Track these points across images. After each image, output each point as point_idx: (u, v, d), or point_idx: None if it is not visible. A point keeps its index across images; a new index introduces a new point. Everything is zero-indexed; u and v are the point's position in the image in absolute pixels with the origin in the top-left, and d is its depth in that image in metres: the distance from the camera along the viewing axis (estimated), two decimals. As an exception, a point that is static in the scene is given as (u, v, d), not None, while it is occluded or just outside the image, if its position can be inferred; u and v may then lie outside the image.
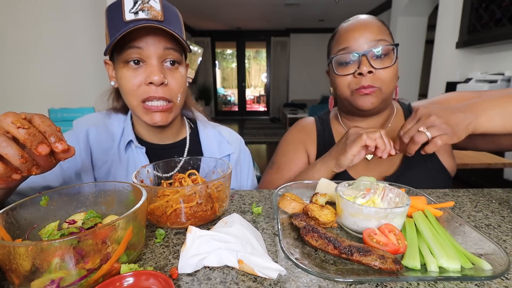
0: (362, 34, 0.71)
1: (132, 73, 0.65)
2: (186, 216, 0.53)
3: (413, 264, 0.40)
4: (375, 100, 0.73)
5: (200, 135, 0.85)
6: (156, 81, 0.64)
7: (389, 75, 0.71)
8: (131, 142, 0.76)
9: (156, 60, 0.65)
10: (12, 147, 0.40)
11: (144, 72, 0.65)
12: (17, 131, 0.40)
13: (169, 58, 0.67)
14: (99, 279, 0.37)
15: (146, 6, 0.62)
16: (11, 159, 0.40)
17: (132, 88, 0.66)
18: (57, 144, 0.42)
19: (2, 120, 0.40)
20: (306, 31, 7.92)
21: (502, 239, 0.49)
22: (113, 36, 0.62)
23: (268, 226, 0.55)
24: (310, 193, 0.65)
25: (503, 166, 1.68)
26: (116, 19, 0.63)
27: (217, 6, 5.83)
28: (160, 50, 0.65)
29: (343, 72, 0.74)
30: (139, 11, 0.62)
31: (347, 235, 0.51)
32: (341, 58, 0.74)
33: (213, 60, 8.80)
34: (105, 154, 0.73)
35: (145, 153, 0.76)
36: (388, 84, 0.72)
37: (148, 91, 0.66)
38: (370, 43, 0.70)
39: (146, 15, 0.62)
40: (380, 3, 5.38)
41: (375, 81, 0.71)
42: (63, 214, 0.50)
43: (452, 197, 0.68)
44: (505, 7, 2.51)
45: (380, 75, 0.71)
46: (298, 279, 0.39)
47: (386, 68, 0.70)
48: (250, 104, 10.45)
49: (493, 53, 2.89)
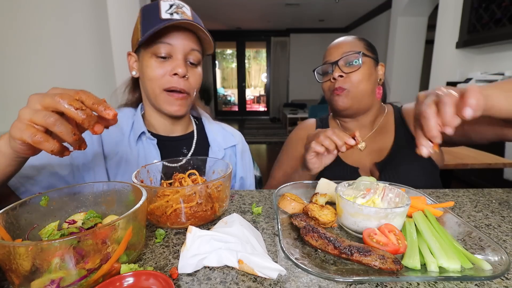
0: (336, 49, 0.89)
1: (159, 64, 0.73)
2: (186, 216, 0.53)
3: (413, 264, 0.40)
4: (345, 100, 0.87)
5: (206, 128, 0.92)
6: (180, 73, 0.73)
7: (357, 77, 0.85)
8: (143, 134, 0.80)
9: (181, 56, 0.74)
10: (66, 126, 0.42)
11: (170, 64, 0.73)
12: (76, 114, 0.41)
13: (192, 57, 0.76)
14: (99, 279, 0.37)
15: (180, 10, 0.73)
16: (66, 137, 0.42)
17: (157, 76, 0.73)
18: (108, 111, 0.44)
19: (59, 101, 0.41)
20: (306, 31, 7.93)
21: (502, 239, 0.49)
22: (148, 30, 0.69)
23: (268, 226, 0.55)
24: (310, 193, 0.65)
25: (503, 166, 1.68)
26: (152, 17, 0.71)
27: (217, 6, 5.83)
28: (188, 49, 0.74)
29: (323, 79, 0.93)
30: (174, 13, 0.72)
31: (347, 235, 0.51)
32: (321, 69, 0.93)
33: (213, 60, 8.80)
34: (116, 146, 0.78)
35: (156, 145, 0.80)
36: (356, 85, 0.85)
37: (171, 81, 0.74)
38: (342, 55, 0.87)
39: (180, 17, 0.71)
40: (380, 3, 5.37)
41: (344, 83, 0.86)
42: (63, 214, 0.50)
43: (452, 197, 0.68)
44: (505, 7, 2.51)
45: (349, 78, 0.86)
46: (298, 279, 0.39)
47: (353, 72, 0.85)
48: (250, 104, 10.45)
49: (493, 53, 2.89)
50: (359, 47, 0.88)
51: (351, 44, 0.89)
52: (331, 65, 0.88)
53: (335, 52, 0.89)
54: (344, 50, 0.87)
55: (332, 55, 0.89)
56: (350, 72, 0.85)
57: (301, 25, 7.59)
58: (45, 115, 0.41)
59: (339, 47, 0.89)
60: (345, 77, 0.86)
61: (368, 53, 0.88)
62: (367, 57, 0.87)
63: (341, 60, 0.86)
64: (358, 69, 0.85)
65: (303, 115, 6.69)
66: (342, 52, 0.87)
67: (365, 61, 0.86)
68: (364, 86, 0.86)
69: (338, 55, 0.87)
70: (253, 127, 7.81)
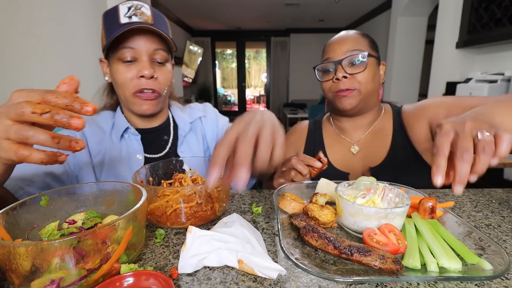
0: (339, 46, 0.83)
1: (126, 68, 0.74)
2: (186, 216, 0.53)
3: (413, 264, 0.40)
4: (353, 101, 0.83)
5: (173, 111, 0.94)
6: (146, 75, 0.73)
7: (364, 78, 0.81)
8: (125, 131, 0.82)
9: (146, 58, 0.74)
10: (41, 133, 0.38)
11: (136, 67, 0.74)
12: (44, 119, 0.37)
13: (158, 57, 0.76)
14: (99, 279, 0.37)
15: (139, 12, 0.73)
16: (47, 144, 0.38)
17: (126, 81, 0.74)
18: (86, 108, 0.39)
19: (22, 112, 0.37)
20: (306, 31, 7.92)
21: (502, 239, 0.49)
22: (110, 36, 0.70)
23: (268, 226, 0.55)
24: (310, 193, 0.65)
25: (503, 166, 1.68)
26: (113, 22, 0.72)
27: (217, 6, 5.82)
28: (151, 50, 0.74)
29: (324, 78, 0.87)
30: (133, 16, 0.72)
31: (347, 235, 0.51)
32: (322, 67, 0.87)
33: (213, 60, 8.79)
34: (99, 145, 0.80)
35: (139, 140, 0.83)
36: (366, 86, 0.81)
37: (140, 83, 0.74)
38: (346, 53, 0.81)
39: (139, 19, 0.72)
40: (380, 3, 5.37)
41: (353, 84, 0.81)
42: (63, 214, 0.50)
43: (452, 197, 0.68)
44: (505, 7, 2.51)
45: (357, 79, 0.81)
46: (298, 279, 0.39)
47: (359, 73, 0.81)
48: (250, 104, 10.45)
49: (493, 53, 2.89)
50: (363, 44, 0.83)
51: (355, 41, 0.83)
52: (333, 63, 0.83)
53: (338, 49, 0.83)
54: (348, 48, 0.81)
55: (335, 52, 0.83)
56: (355, 73, 0.81)
57: (301, 25, 7.58)
58: (16, 130, 0.37)
59: (342, 43, 0.83)
60: (350, 78, 0.81)
61: (373, 51, 0.84)
62: (371, 57, 0.82)
63: (345, 60, 0.81)
64: (363, 70, 0.80)
65: (303, 115, 6.69)
66: (346, 50, 0.81)
67: (369, 61, 0.82)
68: (370, 86, 0.82)
69: (341, 53, 0.82)
70: (253, 127, 7.79)
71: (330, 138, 0.97)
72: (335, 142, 0.96)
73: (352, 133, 0.93)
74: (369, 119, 0.91)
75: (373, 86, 0.83)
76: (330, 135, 0.98)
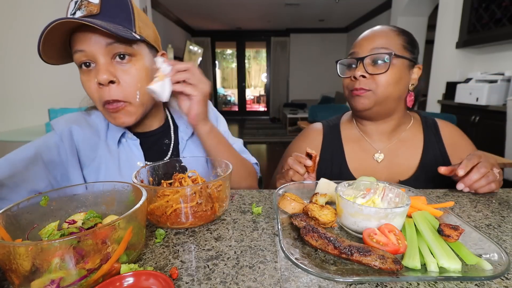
0: (367, 41, 0.78)
1: (86, 77, 0.63)
2: (186, 216, 0.53)
3: (413, 264, 0.40)
4: (366, 102, 0.78)
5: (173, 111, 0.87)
6: (102, 81, 0.60)
7: (385, 80, 0.75)
8: (124, 135, 0.74)
9: (103, 58, 0.61)
10: None
11: (94, 74, 0.62)
12: None
13: (117, 53, 0.62)
14: (99, 279, 0.37)
15: (84, 3, 0.59)
16: None
17: (91, 91, 0.63)
18: None
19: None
20: (306, 31, 7.92)
21: (502, 239, 0.49)
22: None
23: (268, 226, 0.55)
24: (310, 193, 0.65)
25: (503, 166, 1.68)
26: None
27: (217, 6, 5.83)
28: (103, 46, 0.60)
29: (344, 74, 0.83)
30: (77, 11, 0.59)
31: (347, 235, 0.51)
32: (344, 62, 0.83)
33: (213, 60, 8.80)
34: (93, 151, 0.71)
35: (138, 145, 0.75)
36: (383, 88, 0.76)
37: (101, 94, 0.62)
38: (371, 50, 0.76)
39: (82, 13, 0.59)
40: (380, 3, 5.37)
41: (368, 84, 0.76)
42: (63, 214, 0.50)
43: (452, 197, 0.68)
44: (505, 7, 2.51)
45: (375, 79, 0.76)
46: (298, 279, 0.39)
47: (380, 74, 0.75)
48: (250, 104, 10.45)
49: (493, 53, 2.89)
50: (394, 43, 0.76)
51: (385, 38, 0.76)
52: (356, 60, 0.77)
53: (365, 45, 0.77)
54: (374, 45, 0.75)
55: (361, 47, 0.78)
56: (375, 74, 0.75)
57: (301, 25, 7.59)
58: None
59: (371, 39, 0.77)
60: (369, 78, 0.76)
61: (404, 52, 0.76)
62: (400, 58, 0.75)
63: (368, 58, 0.75)
64: (385, 72, 0.74)
65: (303, 115, 6.68)
66: (372, 47, 0.75)
67: (396, 63, 0.75)
68: (390, 90, 0.76)
69: (366, 49, 0.76)
70: (253, 127, 7.80)
71: (351, 144, 0.90)
72: (356, 147, 0.89)
73: (376, 138, 0.87)
74: (393, 125, 0.85)
75: (394, 90, 0.76)
76: (350, 140, 0.90)
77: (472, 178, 0.66)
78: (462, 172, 0.64)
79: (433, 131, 0.86)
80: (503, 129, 2.14)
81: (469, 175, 0.66)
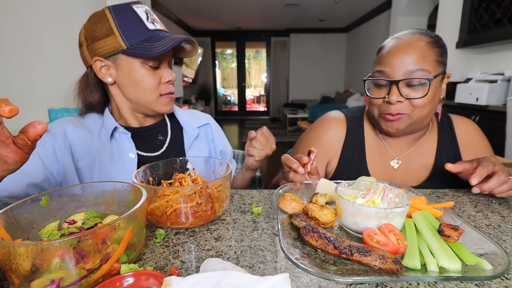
0: (399, 60, 0.70)
1: (153, 73, 0.77)
2: (186, 216, 0.53)
3: (413, 264, 0.40)
4: (400, 126, 0.74)
5: (176, 113, 0.94)
6: (173, 80, 0.80)
7: (422, 102, 0.70)
8: (115, 130, 0.80)
9: (168, 64, 0.81)
10: None
11: (160, 73, 0.78)
12: None
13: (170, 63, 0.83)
14: (99, 279, 0.37)
15: (155, 19, 0.76)
16: None
17: (154, 85, 0.77)
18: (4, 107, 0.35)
19: None
20: (306, 31, 7.92)
21: (502, 239, 0.49)
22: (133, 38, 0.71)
23: (268, 226, 0.55)
24: (310, 193, 0.65)
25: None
26: (134, 24, 0.71)
27: (217, 6, 5.82)
28: (170, 57, 0.81)
29: (374, 94, 0.75)
30: (154, 22, 0.75)
31: (347, 235, 0.51)
32: (374, 82, 0.75)
33: (213, 60, 8.79)
34: (86, 146, 0.77)
35: (130, 138, 0.81)
36: (420, 111, 0.71)
37: (168, 87, 0.80)
38: (406, 72, 0.69)
39: (160, 26, 0.76)
40: (380, 3, 5.37)
41: (404, 108, 0.71)
42: (63, 214, 0.50)
43: (452, 197, 0.68)
44: (505, 7, 2.51)
45: (412, 103, 0.71)
46: (298, 279, 0.39)
47: (418, 98, 0.70)
48: (250, 104, 10.44)
49: (493, 53, 2.89)
50: (429, 60, 0.69)
51: (421, 57, 0.69)
52: (388, 82, 0.71)
53: (397, 65, 0.70)
54: (409, 67, 0.69)
55: (392, 67, 0.70)
56: (412, 98, 0.70)
57: (301, 25, 7.58)
58: None
59: (404, 58, 0.69)
60: (405, 102, 0.71)
61: (439, 68, 0.71)
62: (436, 77, 0.70)
63: (403, 82, 0.69)
64: (423, 96, 0.69)
65: (303, 115, 6.69)
66: (407, 70, 0.69)
67: (434, 82, 0.70)
68: (427, 110, 0.72)
69: (400, 71, 0.69)
70: (253, 127, 7.75)
71: (371, 146, 0.86)
72: (376, 151, 0.85)
73: (396, 146, 0.84)
74: (416, 136, 0.82)
75: (430, 109, 0.72)
76: (371, 141, 0.86)
77: (491, 185, 0.62)
78: (475, 181, 0.61)
79: (448, 130, 0.84)
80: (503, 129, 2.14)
81: (488, 182, 0.62)
